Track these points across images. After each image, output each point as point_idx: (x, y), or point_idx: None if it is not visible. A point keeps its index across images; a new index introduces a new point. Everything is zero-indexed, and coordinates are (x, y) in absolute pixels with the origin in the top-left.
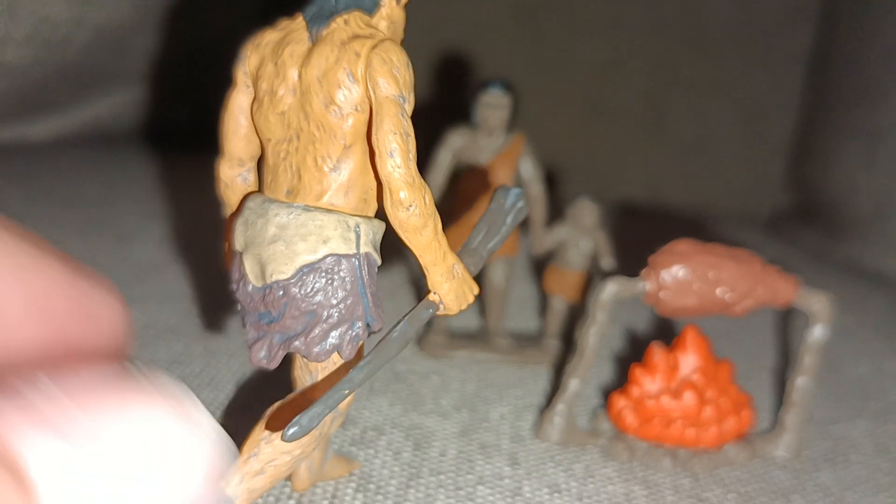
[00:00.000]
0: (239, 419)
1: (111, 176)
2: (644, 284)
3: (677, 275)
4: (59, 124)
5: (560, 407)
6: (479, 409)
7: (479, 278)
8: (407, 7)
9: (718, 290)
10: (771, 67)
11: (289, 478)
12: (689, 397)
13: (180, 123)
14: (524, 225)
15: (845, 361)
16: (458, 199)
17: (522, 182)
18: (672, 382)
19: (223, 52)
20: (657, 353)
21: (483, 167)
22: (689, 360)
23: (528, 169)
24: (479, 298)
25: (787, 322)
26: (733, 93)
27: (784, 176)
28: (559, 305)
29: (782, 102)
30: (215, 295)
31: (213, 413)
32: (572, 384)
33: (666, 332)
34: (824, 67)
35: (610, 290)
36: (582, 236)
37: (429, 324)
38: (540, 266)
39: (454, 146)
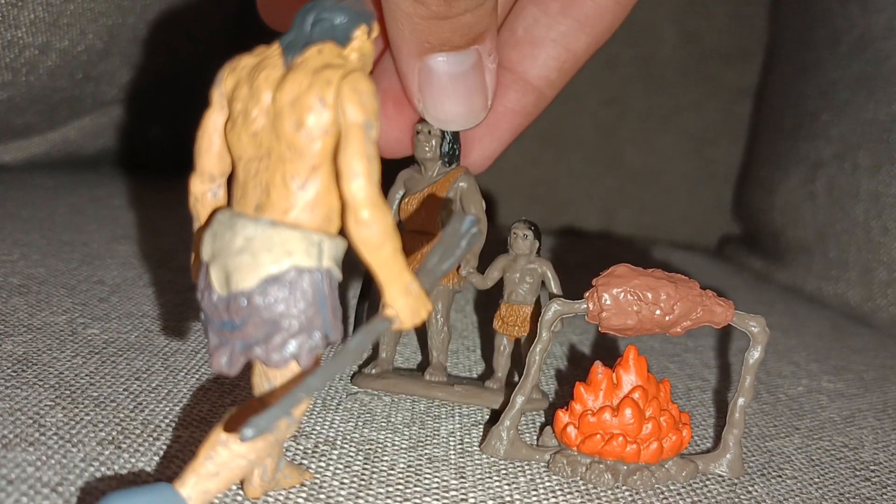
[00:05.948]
0: (194, 431)
1: (79, 199)
2: (586, 305)
3: (617, 296)
4: (28, 147)
5: (507, 423)
6: (428, 425)
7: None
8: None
9: (657, 312)
10: (720, 100)
11: (241, 485)
12: (628, 414)
13: (150, 146)
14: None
15: (784, 380)
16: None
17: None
18: (613, 399)
19: (191, 76)
20: (599, 371)
21: (417, 195)
22: (629, 379)
23: (465, 197)
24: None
25: (728, 342)
26: (684, 124)
27: (733, 204)
28: (503, 345)
29: (731, 134)
30: (178, 313)
31: (169, 424)
32: (518, 401)
33: (612, 353)
34: (768, 101)
35: (555, 309)
36: (522, 267)
37: (366, 360)
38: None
39: (401, 179)
